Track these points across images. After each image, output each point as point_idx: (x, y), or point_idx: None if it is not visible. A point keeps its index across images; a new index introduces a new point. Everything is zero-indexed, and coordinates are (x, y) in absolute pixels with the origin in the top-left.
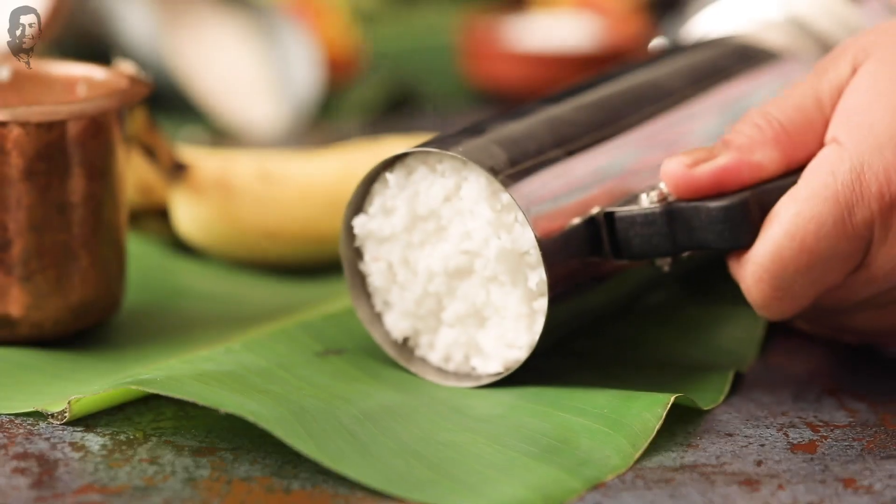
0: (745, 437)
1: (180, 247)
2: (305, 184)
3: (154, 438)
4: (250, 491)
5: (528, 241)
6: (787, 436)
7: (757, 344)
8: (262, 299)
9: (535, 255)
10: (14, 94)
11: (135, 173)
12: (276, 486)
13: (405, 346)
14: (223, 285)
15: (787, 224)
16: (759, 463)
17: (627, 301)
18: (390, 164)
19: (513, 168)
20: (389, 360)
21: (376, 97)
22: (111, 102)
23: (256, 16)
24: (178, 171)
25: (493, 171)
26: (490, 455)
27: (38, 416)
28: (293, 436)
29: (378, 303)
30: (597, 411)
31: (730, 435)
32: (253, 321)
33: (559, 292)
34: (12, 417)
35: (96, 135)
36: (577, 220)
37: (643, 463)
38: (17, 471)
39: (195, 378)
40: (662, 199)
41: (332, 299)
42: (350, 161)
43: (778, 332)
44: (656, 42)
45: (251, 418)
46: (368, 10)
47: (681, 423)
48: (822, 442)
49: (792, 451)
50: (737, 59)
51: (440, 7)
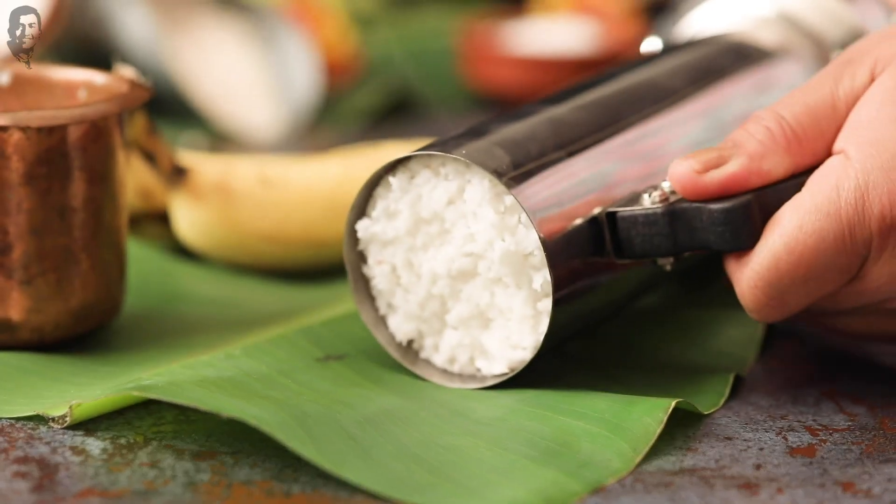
0: (745, 440)
1: (180, 251)
2: (305, 188)
3: (154, 442)
4: (250, 495)
5: (532, 242)
6: (786, 439)
7: (756, 347)
8: (262, 303)
9: (539, 256)
10: (15, 98)
11: (135, 177)
12: (277, 489)
13: (410, 348)
14: (223, 289)
15: (787, 236)
16: (758, 467)
17: (630, 300)
18: (393, 167)
19: (516, 170)
20: (390, 364)
21: (375, 101)
22: (111, 107)
23: (255, 20)
24: (178, 175)
25: (497, 173)
26: (491, 458)
27: (38, 420)
28: (294, 440)
29: (382, 305)
30: (597, 415)
31: (729, 438)
32: (253, 325)
33: (563, 292)
34: (13, 421)
35: (97, 139)
36: (579, 221)
37: (643, 466)
38: (17, 475)
39: (196, 383)
40: (664, 198)
41: (332, 303)
42: (350, 165)
43: (777, 336)
44: (648, 41)
45: (253, 422)
46: (367, 14)
47: (680, 427)
48: (820, 446)
49: (791, 455)
50: (733, 58)
51: (439, 11)
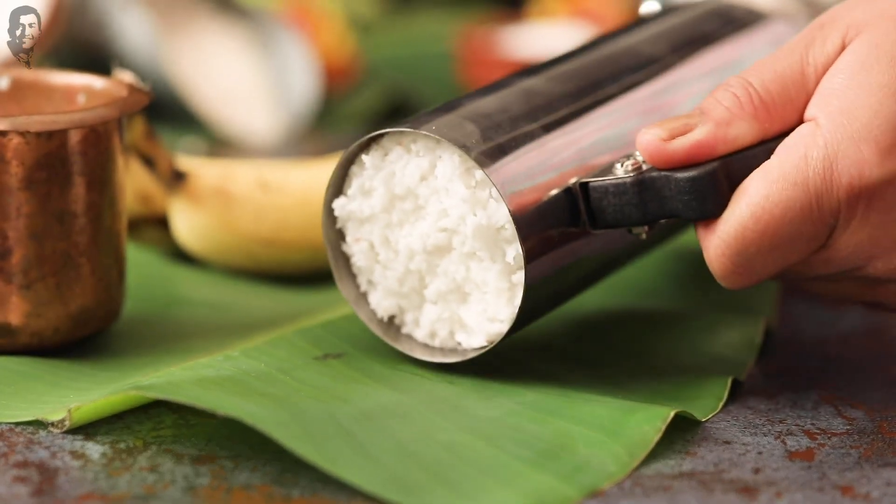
0: (743, 444)
1: (179, 255)
2: (304, 192)
3: (154, 447)
4: (250, 499)
5: (503, 216)
6: (785, 443)
7: (754, 351)
8: (260, 307)
9: (510, 229)
10: (14, 103)
11: (134, 182)
12: (276, 494)
13: (391, 324)
14: (222, 293)
15: (754, 205)
16: (756, 470)
17: (610, 269)
18: (366, 145)
19: (486, 144)
20: (389, 361)
21: (373, 105)
22: (111, 112)
23: (254, 25)
24: (177, 179)
25: (466, 148)
26: (487, 458)
27: (38, 424)
28: (291, 438)
29: (362, 282)
30: (596, 421)
31: (727, 442)
32: (252, 329)
33: (537, 264)
34: (12, 426)
35: (96, 144)
36: (553, 192)
37: (641, 470)
38: (17, 479)
39: (194, 383)
40: (637, 167)
41: (331, 306)
42: None
43: (775, 340)
44: (647, 4)
45: (249, 421)
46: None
47: (679, 431)
48: (819, 449)
49: (789, 459)
50: (721, 23)
51: (437, 16)
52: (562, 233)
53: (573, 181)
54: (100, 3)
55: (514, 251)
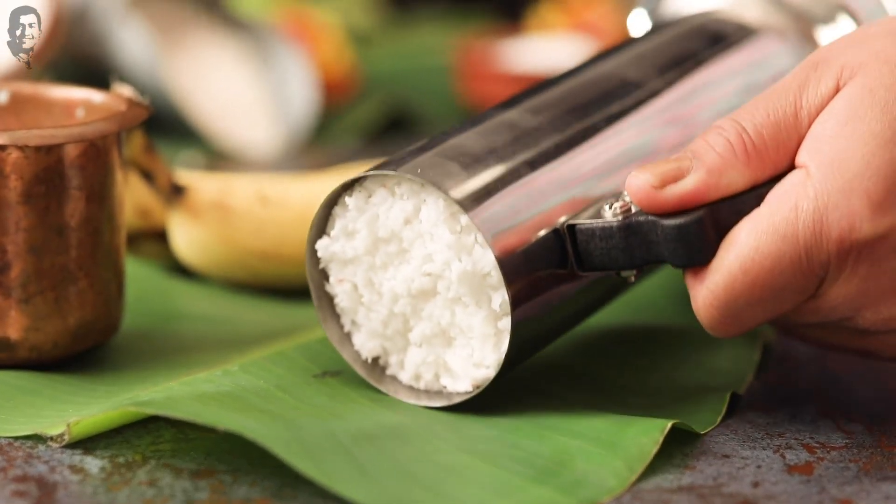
0: (742, 458)
1: (178, 269)
2: (303, 206)
3: (153, 461)
4: None
5: (489, 262)
6: (784, 457)
7: (753, 365)
8: (259, 321)
9: (496, 275)
10: (13, 117)
11: (133, 196)
12: None
13: (376, 365)
14: (221, 307)
15: (743, 257)
16: (755, 484)
17: (598, 308)
18: (349, 186)
19: (470, 187)
20: None
21: (372, 118)
22: (110, 126)
23: (253, 38)
24: (175, 193)
25: (450, 192)
26: (486, 477)
27: (37, 438)
28: (291, 454)
29: (346, 323)
30: (594, 435)
31: (726, 456)
32: (251, 343)
33: (524, 308)
34: (11, 440)
35: (95, 158)
36: (540, 234)
37: (640, 485)
38: (16, 494)
39: (193, 399)
40: (626, 209)
41: None
42: None
43: (774, 354)
44: (635, 14)
45: (249, 436)
46: (364, 32)
47: (677, 445)
48: (818, 463)
49: (788, 473)
50: (708, 40)
51: (435, 28)
52: (549, 275)
53: (561, 221)
54: (99, 17)
55: (500, 298)
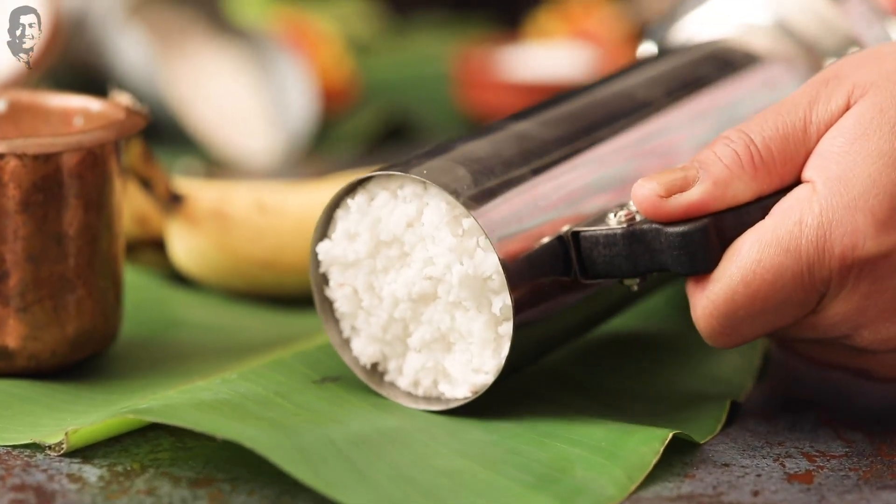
0: (742, 467)
1: (177, 278)
2: (301, 214)
3: (151, 470)
4: None
5: (490, 266)
6: (784, 466)
7: (753, 373)
8: (258, 330)
9: (497, 279)
10: (11, 125)
11: (131, 204)
12: None
13: (375, 370)
14: (219, 316)
15: (745, 269)
16: (755, 493)
17: (601, 319)
18: (352, 188)
19: (478, 190)
20: None
21: (371, 127)
22: (108, 134)
23: (252, 46)
24: (174, 202)
25: (455, 194)
26: (485, 483)
27: (35, 447)
28: (289, 462)
29: (346, 328)
30: (594, 443)
31: (726, 465)
32: (249, 351)
33: (526, 314)
34: (9, 449)
35: (93, 166)
36: (545, 240)
37: (640, 493)
38: (14, 502)
39: (192, 407)
40: (630, 217)
41: None
42: None
43: (774, 362)
44: (644, 47)
45: (248, 444)
46: (363, 40)
47: (677, 454)
48: (818, 472)
49: (788, 482)
50: (717, 66)
51: (434, 37)
52: (553, 281)
53: (565, 229)
54: (97, 25)
55: (501, 302)
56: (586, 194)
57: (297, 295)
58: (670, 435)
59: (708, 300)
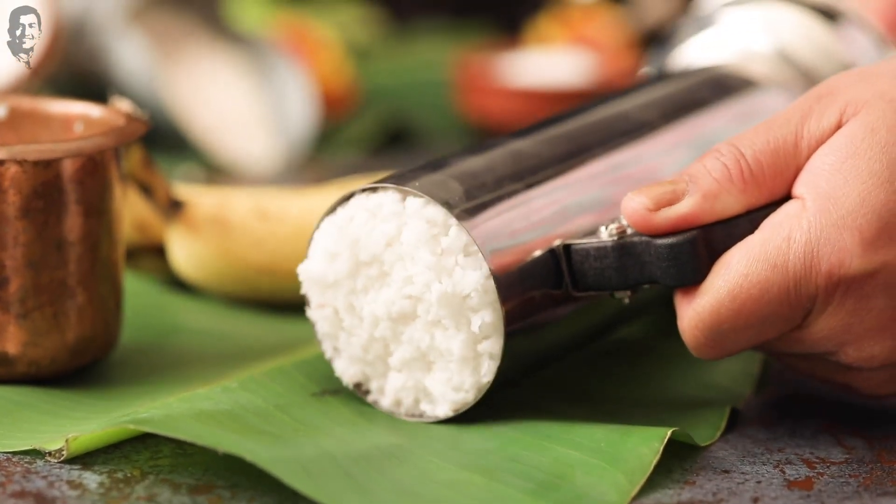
0: (742, 473)
1: (177, 284)
2: (302, 220)
3: (151, 476)
4: None
5: (469, 284)
6: (784, 472)
7: (753, 379)
8: (258, 336)
9: (476, 297)
10: (11, 132)
11: (131, 211)
12: None
13: (358, 390)
14: (220, 322)
15: (732, 283)
16: (755, 500)
17: (593, 333)
18: (333, 209)
19: (469, 203)
20: None
21: (371, 133)
22: (108, 140)
23: (251, 52)
24: (174, 208)
25: (449, 206)
26: (487, 493)
27: (35, 454)
28: (291, 476)
29: (328, 349)
30: (593, 445)
31: (726, 471)
32: (250, 358)
33: (517, 325)
34: (9, 455)
35: (93, 173)
36: (536, 253)
37: (640, 500)
38: None
39: (193, 417)
40: (621, 231)
41: None
42: None
43: (774, 369)
44: (643, 74)
45: (249, 458)
46: (363, 46)
47: (677, 460)
48: (818, 479)
49: (788, 488)
50: (714, 91)
51: (434, 43)
52: (544, 294)
53: (557, 243)
54: (97, 31)
55: (480, 320)
56: (579, 210)
57: (297, 301)
58: (669, 433)
59: (694, 312)
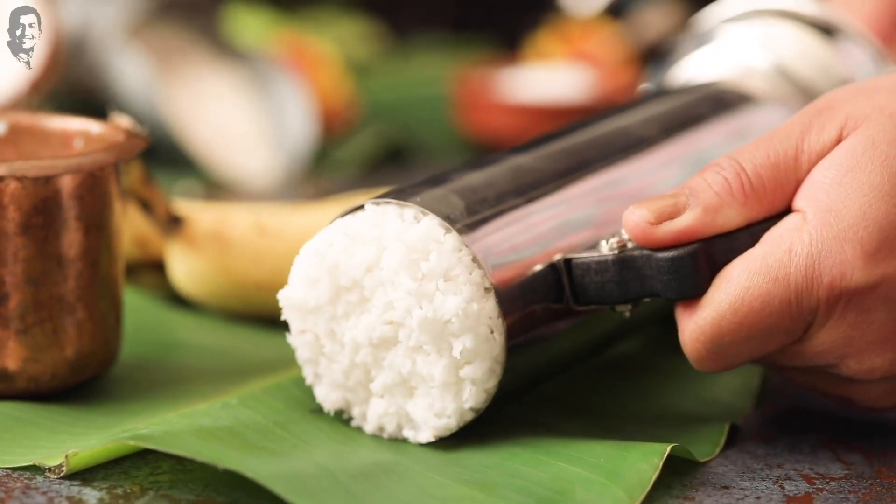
0: (741, 489)
1: (176, 300)
2: (301, 236)
3: (151, 492)
4: None
5: (450, 309)
6: (783, 488)
7: (752, 395)
8: (258, 352)
9: (457, 323)
10: (11, 148)
11: (131, 227)
12: None
13: (340, 417)
14: (219, 338)
15: (734, 296)
16: None
17: (593, 347)
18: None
19: (470, 218)
20: None
21: (371, 148)
22: (108, 156)
23: (251, 68)
24: (173, 224)
25: (450, 221)
26: None
27: (35, 470)
28: (291, 492)
29: (309, 375)
30: (593, 460)
31: (726, 487)
32: (249, 374)
33: (518, 339)
34: (9, 471)
35: (93, 189)
36: (537, 268)
37: None
38: None
39: (193, 433)
40: (622, 244)
41: None
42: None
43: (773, 384)
44: (641, 90)
45: (249, 474)
46: (362, 62)
47: (677, 476)
48: (817, 494)
49: None
50: (714, 107)
51: (434, 58)
52: (545, 308)
53: (558, 257)
54: (97, 47)
55: (461, 345)
56: (579, 225)
57: None
58: (669, 448)
59: (695, 325)
